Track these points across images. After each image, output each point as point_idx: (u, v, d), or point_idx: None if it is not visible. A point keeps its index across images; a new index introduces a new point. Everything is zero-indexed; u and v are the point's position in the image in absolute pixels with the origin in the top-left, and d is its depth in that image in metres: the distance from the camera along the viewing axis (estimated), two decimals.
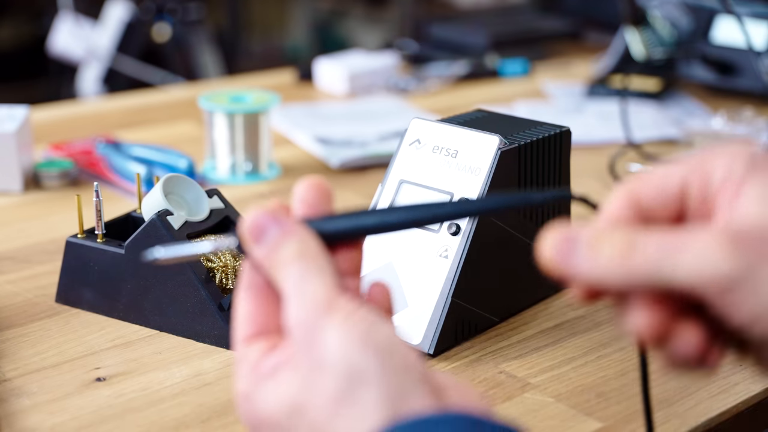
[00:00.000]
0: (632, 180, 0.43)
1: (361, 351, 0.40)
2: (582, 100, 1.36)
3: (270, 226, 0.45)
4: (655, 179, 0.42)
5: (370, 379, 0.40)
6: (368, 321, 0.41)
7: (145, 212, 0.73)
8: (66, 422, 0.60)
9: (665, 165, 0.43)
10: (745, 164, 0.41)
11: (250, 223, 0.45)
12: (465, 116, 0.76)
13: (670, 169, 0.42)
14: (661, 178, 0.42)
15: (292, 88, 1.45)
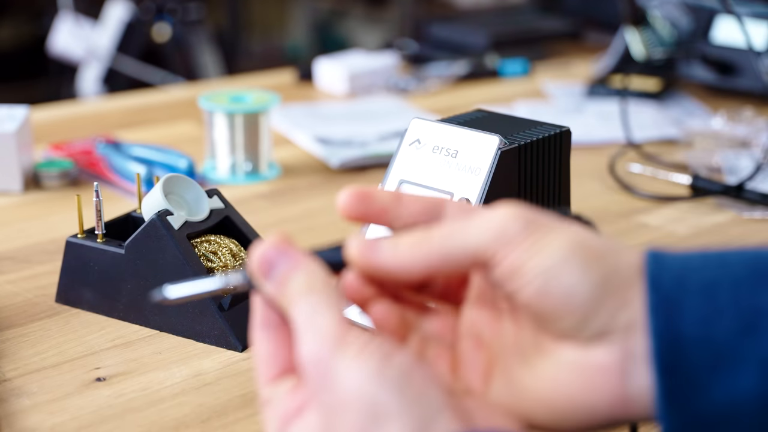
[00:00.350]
0: (450, 200, 0.48)
1: (378, 385, 0.40)
2: (582, 100, 1.36)
3: (278, 260, 0.44)
4: (465, 207, 0.47)
5: (391, 414, 0.39)
6: (381, 353, 0.40)
7: (145, 212, 0.73)
8: (66, 422, 0.60)
9: None
10: None
11: (258, 257, 0.44)
12: (465, 116, 0.76)
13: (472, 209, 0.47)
14: (466, 209, 0.47)
15: (292, 88, 1.45)
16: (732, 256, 0.43)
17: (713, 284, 0.41)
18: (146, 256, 0.71)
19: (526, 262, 0.42)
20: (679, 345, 0.40)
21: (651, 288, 0.41)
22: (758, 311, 0.40)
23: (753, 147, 1.13)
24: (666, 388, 0.40)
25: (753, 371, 0.40)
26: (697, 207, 0.98)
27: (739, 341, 0.40)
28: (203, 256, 0.72)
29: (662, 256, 0.43)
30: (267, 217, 0.95)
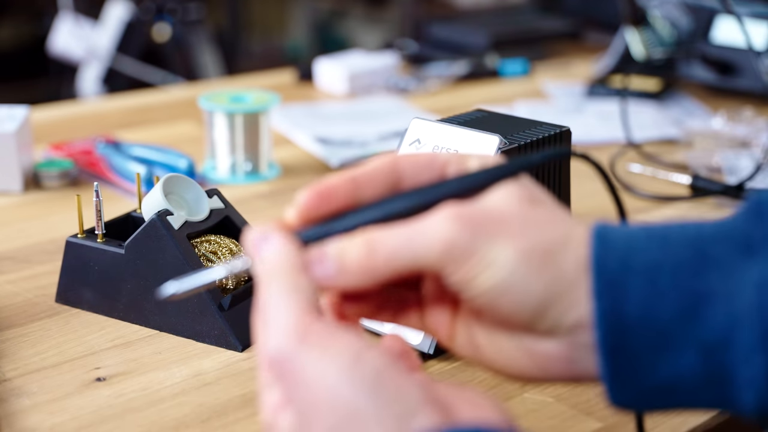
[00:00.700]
0: (401, 154, 0.48)
1: (352, 387, 0.39)
2: (582, 100, 1.36)
3: (260, 243, 0.44)
4: (424, 156, 0.48)
5: (368, 415, 0.39)
6: (351, 353, 0.40)
7: (145, 212, 0.73)
8: (66, 422, 0.60)
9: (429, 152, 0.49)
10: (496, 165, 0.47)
11: (249, 240, 0.44)
12: (465, 116, 0.76)
13: (436, 154, 0.48)
14: (429, 155, 0.48)
15: (292, 88, 1.45)
16: (675, 237, 0.43)
17: (656, 266, 0.42)
18: (146, 256, 0.71)
19: (475, 277, 0.43)
20: (623, 326, 0.42)
21: (596, 272, 0.42)
22: (699, 295, 0.41)
23: (753, 147, 1.13)
24: (611, 368, 0.42)
25: (693, 353, 0.41)
26: (697, 207, 0.98)
27: (680, 325, 0.41)
28: (203, 256, 0.72)
29: (608, 236, 0.44)
30: (267, 217, 0.95)
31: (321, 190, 0.45)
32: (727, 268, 0.42)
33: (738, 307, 0.41)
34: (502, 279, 0.42)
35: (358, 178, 0.46)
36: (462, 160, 0.47)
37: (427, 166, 0.47)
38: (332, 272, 0.44)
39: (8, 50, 3.35)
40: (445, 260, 0.43)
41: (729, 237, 0.43)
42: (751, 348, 0.40)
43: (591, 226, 0.45)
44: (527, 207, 0.44)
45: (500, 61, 1.53)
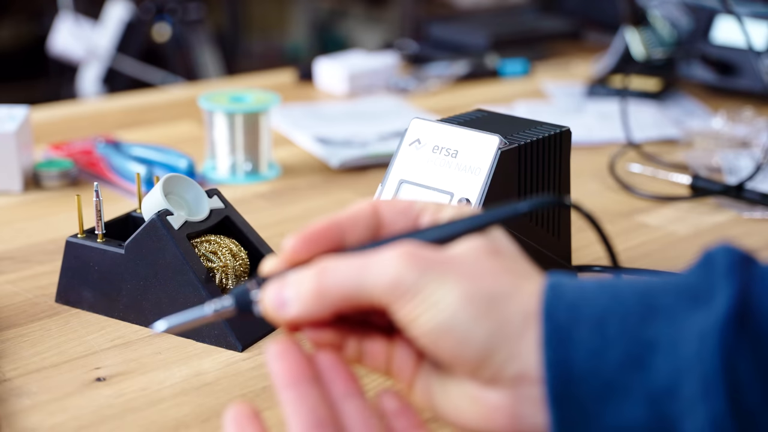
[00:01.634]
0: (380, 199, 0.51)
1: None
2: (582, 100, 1.36)
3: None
4: (402, 203, 0.49)
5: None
6: None
7: (145, 212, 0.73)
8: (66, 422, 0.60)
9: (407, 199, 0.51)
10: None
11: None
12: (465, 116, 0.76)
13: (414, 202, 0.50)
14: (406, 203, 0.49)
15: (292, 88, 1.45)
16: (625, 288, 0.44)
17: (604, 315, 0.43)
18: (146, 256, 0.71)
19: (419, 316, 0.44)
20: (571, 375, 0.42)
21: (546, 321, 0.43)
22: (645, 344, 0.42)
23: (753, 147, 1.13)
24: (559, 419, 0.42)
25: (639, 403, 0.42)
26: (697, 207, 0.98)
27: (627, 374, 0.42)
28: (203, 256, 0.72)
29: (560, 288, 0.44)
30: (267, 217, 0.95)
31: (306, 236, 0.47)
32: (673, 318, 0.42)
33: (682, 357, 0.41)
34: (444, 320, 0.43)
35: (341, 223, 0.48)
36: (437, 210, 0.49)
37: (404, 213, 0.49)
38: (292, 303, 0.46)
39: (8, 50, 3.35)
40: (391, 296, 0.44)
41: (677, 288, 0.43)
42: (695, 398, 0.40)
43: (545, 279, 0.45)
44: (485, 257, 0.45)
45: (500, 61, 1.53)
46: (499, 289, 0.44)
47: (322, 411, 0.43)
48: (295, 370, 0.44)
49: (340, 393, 0.45)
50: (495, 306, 0.43)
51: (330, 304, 0.45)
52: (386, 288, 0.44)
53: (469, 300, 0.43)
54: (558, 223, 0.75)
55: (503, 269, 0.45)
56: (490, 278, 0.44)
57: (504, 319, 0.43)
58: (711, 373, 0.40)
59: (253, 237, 0.76)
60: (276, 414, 0.60)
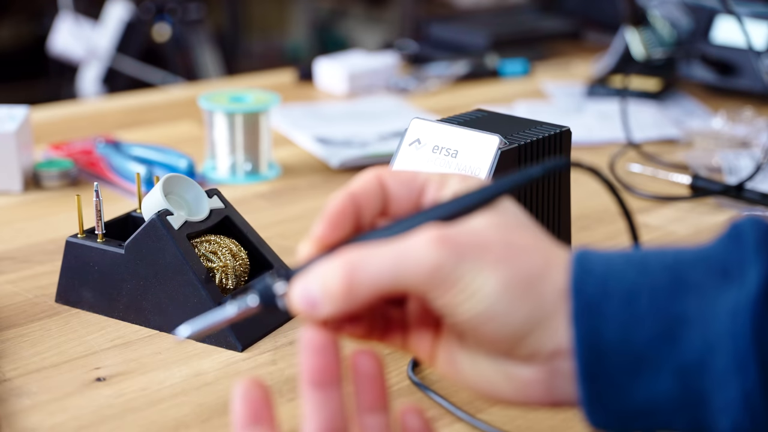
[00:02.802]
0: (379, 168, 0.48)
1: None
2: (582, 100, 1.36)
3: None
4: (406, 173, 0.48)
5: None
6: None
7: (145, 212, 0.73)
8: (66, 422, 0.60)
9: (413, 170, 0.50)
10: None
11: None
12: (465, 116, 0.76)
13: (417, 173, 0.48)
14: (410, 173, 0.48)
15: (292, 88, 1.45)
16: (653, 261, 0.44)
17: (633, 290, 0.43)
18: (146, 256, 0.71)
19: (460, 304, 0.43)
20: (601, 350, 0.42)
21: (575, 297, 0.43)
22: (676, 319, 0.42)
23: (753, 147, 1.13)
24: (589, 392, 0.43)
25: (669, 377, 0.42)
26: (697, 207, 0.98)
27: (657, 348, 0.42)
28: (203, 256, 0.72)
29: (588, 262, 0.44)
30: (267, 217, 0.95)
31: (331, 218, 0.46)
32: (703, 293, 0.42)
33: (714, 332, 0.41)
34: (486, 308, 0.43)
35: (356, 197, 0.47)
36: (442, 182, 0.48)
37: (407, 184, 0.48)
38: (323, 307, 0.44)
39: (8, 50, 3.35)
40: (431, 285, 0.43)
41: (706, 262, 0.43)
42: (726, 373, 0.41)
43: (571, 252, 0.45)
44: (509, 233, 0.45)
45: (500, 61, 1.53)
46: (531, 270, 0.44)
47: (339, 422, 0.43)
48: (327, 371, 0.43)
49: (366, 405, 0.44)
50: (530, 288, 0.43)
51: (363, 299, 0.44)
52: (425, 278, 0.43)
53: (508, 286, 0.43)
54: (558, 222, 0.75)
55: (528, 245, 0.45)
56: (522, 258, 0.44)
57: (539, 299, 0.43)
58: (743, 349, 0.40)
59: (253, 237, 0.76)
60: None
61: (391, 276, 0.43)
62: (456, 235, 0.44)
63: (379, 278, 0.43)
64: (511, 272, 0.43)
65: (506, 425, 0.60)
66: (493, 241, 0.44)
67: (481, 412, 0.61)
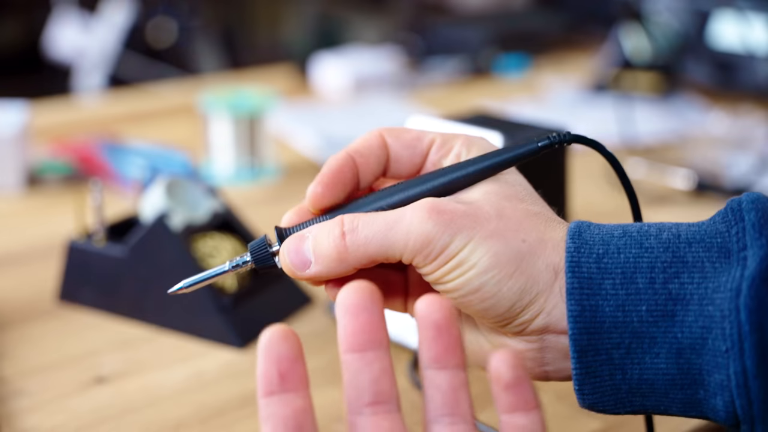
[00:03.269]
0: (384, 127, 0.49)
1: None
2: (581, 99, 1.36)
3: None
4: (410, 134, 0.48)
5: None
6: None
7: (145, 213, 0.73)
8: (66, 422, 0.60)
9: (420, 129, 0.49)
10: (477, 153, 0.47)
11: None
12: (465, 116, 0.76)
13: (422, 133, 0.48)
14: (414, 134, 0.48)
15: (292, 87, 1.45)
16: (651, 237, 0.44)
17: (632, 267, 0.43)
18: (146, 256, 0.71)
19: (446, 273, 0.43)
20: (597, 326, 0.42)
21: (570, 273, 0.43)
22: (673, 297, 0.42)
23: (753, 147, 1.13)
24: (583, 368, 0.43)
25: (665, 355, 0.42)
26: (697, 207, 0.98)
27: (654, 325, 0.42)
28: (203, 256, 0.72)
29: (585, 236, 0.44)
30: (267, 217, 0.95)
31: (327, 178, 0.46)
32: (702, 272, 0.42)
33: (711, 312, 0.41)
34: (472, 278, 0.43)
35: (355, 158, 0.47)
36: (445, 144, 0.48)
37: (410, 147, 0.48)
38: (314, 268, 0.45)
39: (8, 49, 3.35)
40: (419, 254, 0.43)
41: (705, 241, 0.43)
42: (723, 353, 0.40)
43: (568, 226, 0.45)
44: (506, 205, 0.45)
45: (500, 60, 1.53)
46: (525, 246, 0.43)
47: (386, 385, 0.37)
48: (370, 332, 0.37)
49: (434, 360, 0.38)
50: (523, 263, 0.43)
51: (353, 263, 0.44)
52: (414, 247, 0.43)
53: (497, 259, 0.43)
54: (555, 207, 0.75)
55: (524, 218, 0.44)
56: (514, 231, 0.44)
57: (532, 276, 0.43)
58: (740, 330, 0.40)
59: (253, 237, 0.76)
60: None
61: (382, 243, 0.44)
62: (449, 207, 0.44)
63: (370, 244, 0.44)
64: (502, 248, 0.43)
65: None
66: (487, 213, 0.44)
67: (481, 412, 0.61)
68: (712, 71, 1.33)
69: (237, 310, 0.70)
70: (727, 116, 1.18)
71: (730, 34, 1.32)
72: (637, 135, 1.16)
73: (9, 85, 2.78)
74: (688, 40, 1.37)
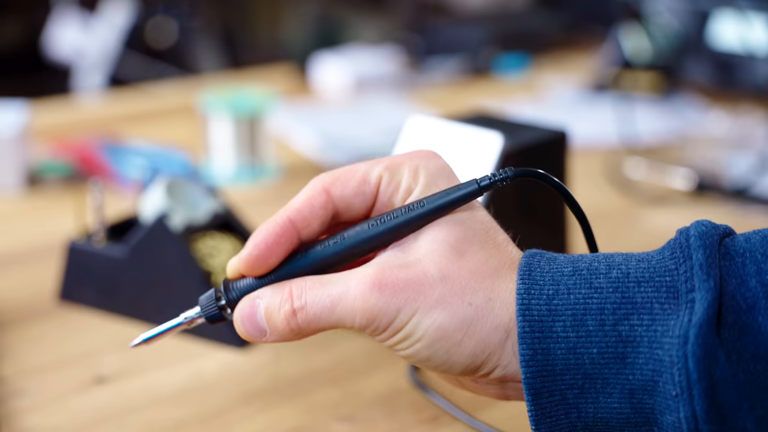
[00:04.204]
0: (329, 176, 0.48)
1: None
2: (581, 100, 1.36)
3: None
4: (354, 178, 0.47)
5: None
6: None
7: (145, 213, 0.73)
8: (66, 422, 0.60)
9: (361, 164, 0.48)
10: (425, 185, 0.47)
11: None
12: (464, 116, 0.76)
13: (366, 174, 0.47)
14: (359, 177, 0.47)
15: (292, 87, 1.45)
16: (601, 276, 0.43)
17: (582, 310, 0.43)
18: (146, 256, 0.71)
19: (396, 344, 0.45)
20: (549, 369, 0.43)
21: (521, 317, 0.43)
22: (624, 340, 0.42)
23: (753, 147, 1.13)
24: (538, 411, 0.43)
25: (617, 395, 0.42)
26: (697, 207, 0.98)
27: (606, 367, 0.42)
28: (203, 256, 0.72)
29: (535, 276, 0.44)
30: (267, 217, 0.95)
31: (263, 244, 0.47)
32: (651, 314, 0.42)
33: (661, 356, 0.41)
34: (420, 350, 0.44)
35: (295, 221, 0.47)
36: (394, 178, 0.47)
37: (360, 194, 0.47)
38: (267, 334, 0.47)
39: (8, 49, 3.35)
40: (366, 328, 0.44)
41: (654, 279, 0.43)
42: (674, 397, 0.41)
43: (517, 270, 0.45)
44: (451, 260, 0.44)
45: (500, 60, 1.53)
46: (471, 308, 0.44)
47: None
48: None
49: None
50: (470, 329, 0.44)
51: (307, 334, 0.46)
52: (361, 323, 0.44)
53: (443, 331, 0.44)
54: (553, 217, 0.75)
55: (470, 275, 0.44)
56: (460, 295, 0.44)
57: (481, 339, 0.44)
58: (688, 376, 0.40)
59: None
60: (271, 416, 0.60)
61: (330, 318, 0.45)
62: (391, 276, 0.44)
63: (320, 320, 0.45)
64: (447, 317, 0.44)
65: (506, 425, 0.60)
66: (431, 278, 0.44)
67: (481, 412, 0.61)
68: (712, 71, 1.33)
69: None
70: (727, 116, 1.18)
71: (730, 34, 1.32)
72: (637, 135, 1.16)
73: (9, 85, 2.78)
74: (688, 40, 1.37)
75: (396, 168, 0.47)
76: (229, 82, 1.67)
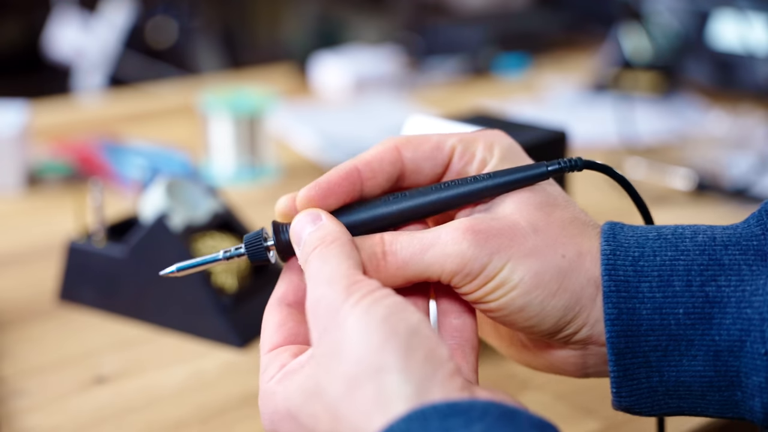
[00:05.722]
0: (402, 137, 0.47)
1: (382, 340, 0.38)
2: (581, 100, 1.36)
3: (302, 229, 0.44)
4: (428, 144, 0.47)
5: (390, 367, 0.37)
6: (390, 307, 0.39)
7: (145, 213, 0.73)
8: (66, 422, 0.60)
9: (433, 134, 0.47)
10: (500, 158, 0.47)
11: (299, 219, 0.45)
12: (464, 116, 0.76)
13: (441, 142, 0.47)
14: (433, 143, 0.47)
15: (292, 87, 1.45)
16: (687, 240, 0.43)
17: (668, 270, 0.42)
18: (147, 256, 0.71)
19: (486, 294, 0.43)
20: (634, 329, 0.42)
21: (607, 278, 0.43)
22: (710, 300, 0.42)
23: (753, 147, 1.13)
24: (620, 371, 0.43)
25: (703, 357, 0.42)
26: (697, 207, 0.98)
27: (692, 328, 0.42)
28: None
29: (619, 239, 0.44)
30: (267, 217, 0.95)
31: (323, 188, 0.45)
32: (739, 275, 0.42)
33: (750, 315, 0.41)
34: (515, 298, 0.43)
35: (363, 170, 0.46)
36: (468, 149, 0.47)
37: (431, 158, 0.46)
38: None
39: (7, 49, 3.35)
40: (456, 275, 0.43)
41: (741, 243, 0.43)
42: (762, 356, 0.40)
43: (602, 232, 0.45)
44: (540, 216, 0.44)
45: (500, 60, 1.53)
46: (565, 261, 0.43)
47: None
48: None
49: None
50: (565, 280, 0.43)
51: (391, 282, 0.44)
52: (451, 269, 0.43)
53: (539, 278, 0.43)
54: None
55: (560, 229, 0.44)
56: (552, 247, 0.43)
57: (575, 292, 0.43)
58: None
59: None
60: None
61: (420, 264, 0.43)
62: (483, 224, 0.43)
63: (408, 267, 0.43)
64: (543, 266, 0.43)
65: None
66: (523, 230, 0.43)
67: None
68: (712, 71, 1.33)
69: (237, 310, 0.70)
70: (727, 116, 1.18)
71: (730, 34, 1.32)
72: (637, 135, 1.16)
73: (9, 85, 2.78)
74: (688, 40, 1.37)
75: (471, 141, 0.47)
76: (229, 82, 1.67)
